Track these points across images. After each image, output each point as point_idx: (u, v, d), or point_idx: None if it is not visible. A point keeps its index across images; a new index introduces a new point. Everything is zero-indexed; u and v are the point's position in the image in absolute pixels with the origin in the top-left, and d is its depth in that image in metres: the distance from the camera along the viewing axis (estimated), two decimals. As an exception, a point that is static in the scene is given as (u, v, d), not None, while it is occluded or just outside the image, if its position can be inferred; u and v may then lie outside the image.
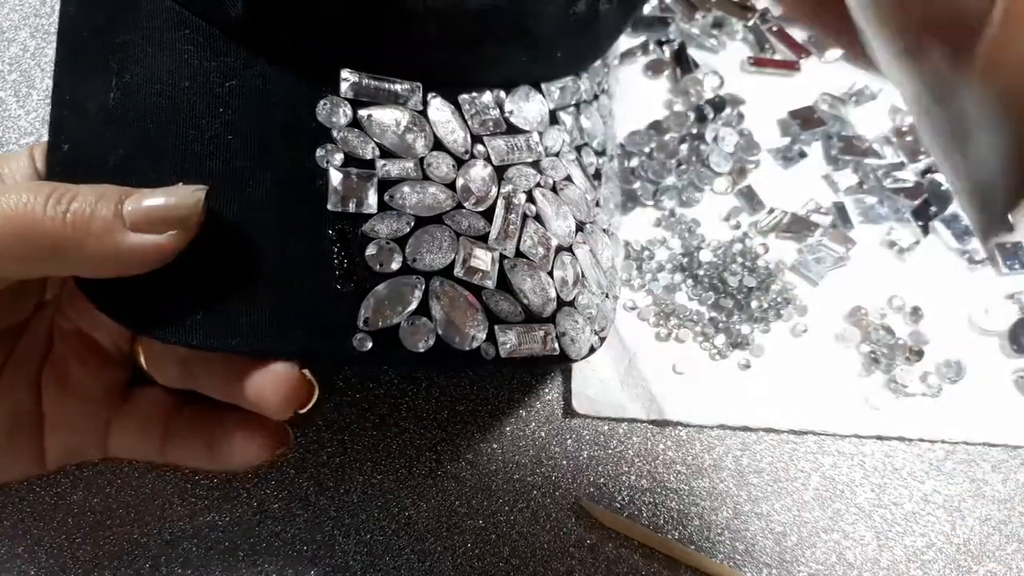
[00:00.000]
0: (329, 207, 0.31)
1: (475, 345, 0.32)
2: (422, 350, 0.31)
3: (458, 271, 0.33)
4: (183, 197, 0.29)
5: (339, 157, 0.32)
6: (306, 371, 0.31)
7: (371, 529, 0.39)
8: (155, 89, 0.32)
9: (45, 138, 0.40)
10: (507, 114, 0.36)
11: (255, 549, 0.38)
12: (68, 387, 0.35)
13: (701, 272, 0.44)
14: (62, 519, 0.38)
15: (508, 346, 0.33)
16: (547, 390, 0.42)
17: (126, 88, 0.32)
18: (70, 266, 0.28)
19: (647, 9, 0.51)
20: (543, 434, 0.41)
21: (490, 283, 0.33)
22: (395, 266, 0.31)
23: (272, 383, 0.31)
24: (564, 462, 0.41)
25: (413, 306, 0.31)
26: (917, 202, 0.45)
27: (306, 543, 0.38)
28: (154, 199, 0.28)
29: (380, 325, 0.31)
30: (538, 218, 0.35)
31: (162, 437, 0.35)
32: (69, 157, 0.31)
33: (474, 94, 0.35)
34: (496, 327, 0.33)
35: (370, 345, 0.31)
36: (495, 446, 0.41)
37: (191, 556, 0.38)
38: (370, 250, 0.31)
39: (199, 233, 0.29)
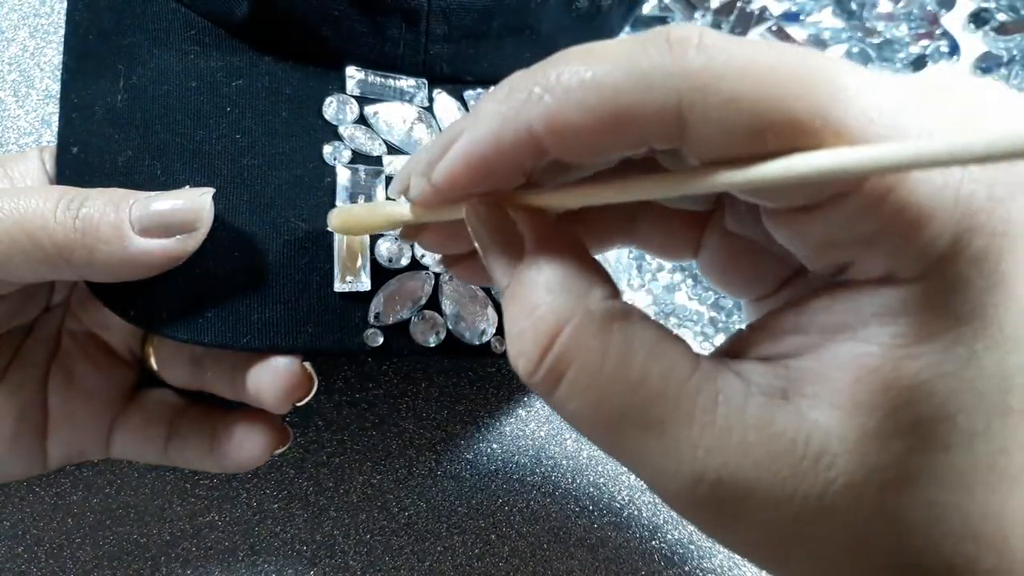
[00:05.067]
0: (338, 204, 0.34)
1: (485, 339, 0.35)
2: (432, 344, 0.34)
3: None
4: (190, 201, 0.30)
5: (347, 154, 0.34)
6: (307, 364, 0.33)
7: (371, 529, 0.41)
8: (162, 90, 0.33)
9: (45, 138, 0.42)
10: None
11: (254, 549, 0.40)
12: (74, 387, 0.36)
13: (701, 275, 0.47)
14: (62, 519, 0.39)
15: None
16: (547, 390, 0.44)
17: (133, 89, 0.33)
18: (80, 271, 0.30)
19: (647, 8, 0.54)
20: (543, 434, 0.43)
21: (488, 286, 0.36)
22: (404, 262, 0.34)
23: (271, 376, 0.33)
24: (564, 462, 0.43)
25: (423, 301, 0.34)
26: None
27: (306, 543, 0.40)
28: (162, 203, 0.30)
29: (391, 320, 0.33)
30: (545, 212, 0.38)
31: (166, 438, 0.37)
32: (78, 159, 0.32)
33: (479, 90, 0.38)
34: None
35: (381, 340, 0.33)
36: (495, 446, 0.43)
37: (191, 556, 0.39)
38: (379, 246, 0.34)
39: (209, 232, 0.31)
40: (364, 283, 0.33)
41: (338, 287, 0.33)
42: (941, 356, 0.19)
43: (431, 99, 0.37)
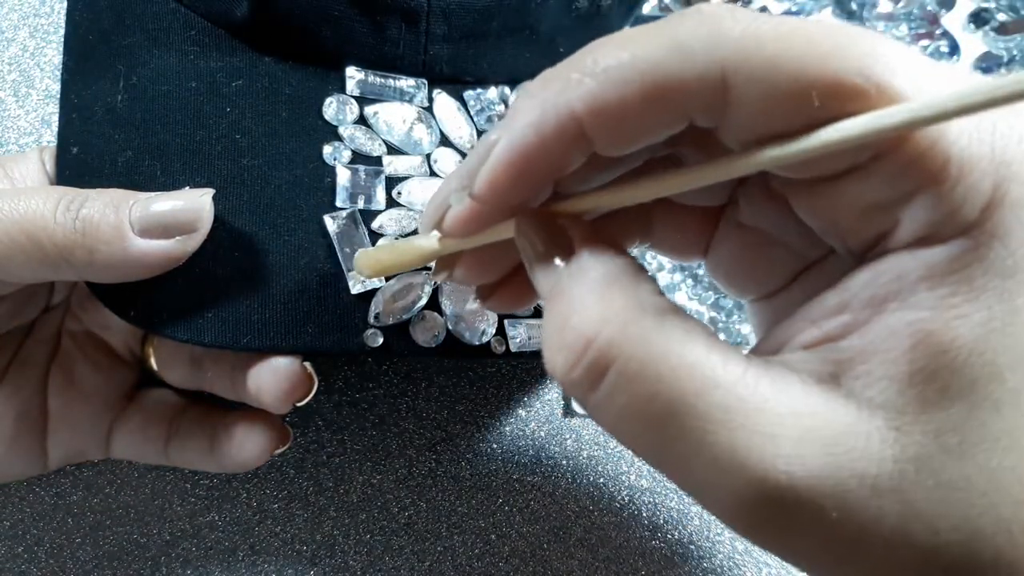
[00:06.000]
0: (338, 204, 0.34)
1: (485, 339, 0.35)
2: (432, 345, 0.34)
3: None
4: (190, 202, 0.30)
5: (347, 154, 0.35)
6: (307, 364, 0.33)
7: (371, 529, 0.41)
8: (162, 90, 0.33)
9: (45, 138, 0.42)
10: None
11: (255, 549, 0.40)
12: (75, 387, 0.36)
13: (701, 272, 0.47)
14: (62, 519, 0.39)
15: (518, 340, 0.35)
16: (547, 390, 0.44)
17: (133, 90, 0.33)
18: (79, 272, 0.30)
19: (647, 8, 0.54)
20: (543, 434, 0.43)
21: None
22: None
23: (272, 376, 0.33)
24: (564, 462, 0.43)
25: (423, 301, 0.34)
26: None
27: (306, 543, 0.40)
28: (162, 204, 0.30)
29: (390, 321, 0.33)
30: (544, 213, 0.38)
31: (166, 438, 0.37)
32: (78, 160, 0.33)
33: (479, 90, 0.38)
34: (506, 321, 0.35)
35: (381, 340, 0.33)
36: (495, 446, 0.43)
37: (191, 556, 0.39)
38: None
39: (209, 232, 0.31)
40: (377, 280, 0.33)
41: (355, 290, 0.33)
42: (988, 313, 0.19)
43: (431, 99, 0.37)
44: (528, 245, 0.24)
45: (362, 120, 0.35)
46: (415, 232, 0.34)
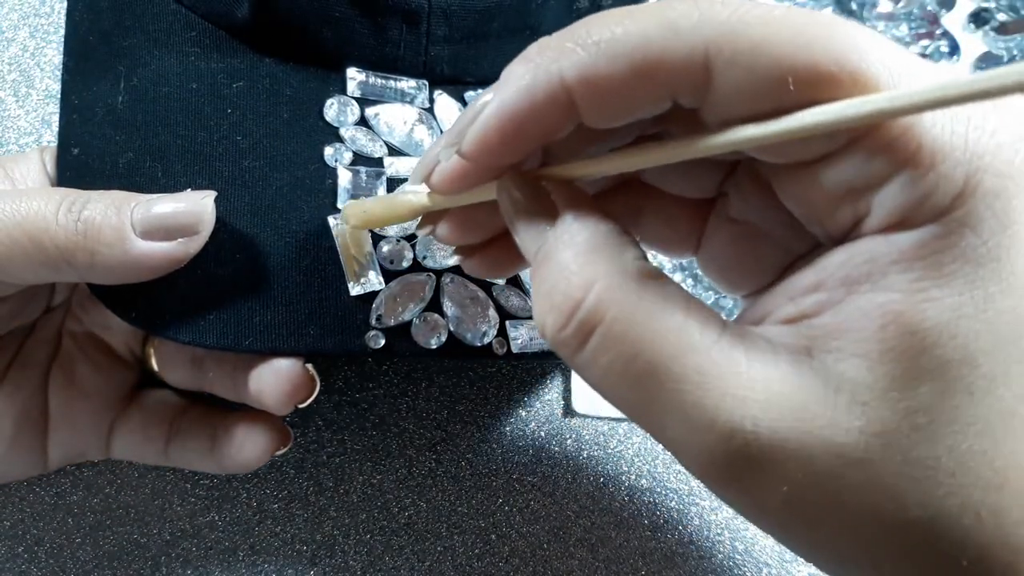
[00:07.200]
0: (339, 205, 0.34)
1: (487, 340, 0.35)
2: (434, 346, 0.34)
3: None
4: (192, 204, 0.30)
5: (348, 156, 0.35)
6: (309, 366, 0.33)
7: (371, 529, 0.41)
8: (163, 92, 0.33)
9: (45, 138, 0.42)
10: None
11: (255, 549, 0.40)
12: (75, 388, 0.36)
13: (701, 272, 0.47)
14: (62, 519, 0.39)
15: (520, 341, 0.35)
16: (547, 390, 0.44)
17: (134, 91, 0.33)
18: (81, 273, 0.30)
19: (646, 8, 0.54)
20: (543, 434, 0.43)
21: (500, 279, 0.36)
22: (406, 264, 0.34)
23: (273, 378, 0.33)
24: (564, 462, 0.43)
25: (424, 303, 0.34)
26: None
27: (306, 543, 0.40)
28: (163, 206, 0.30)
29: (392, 322, 0.33)
30: (546, 213, 0.38)
31: (166, 439, 0.37)
32: (79, 161, 0.33)
33: (480, 91, 0.38)
34: (507, 322, 0.35)
35: (383, 342, 0.33)
36: (495, 446, 0.43)
37: (191, 556, 0.40)
38: (381, 247, 0.34)
39: (211, 234, 0.31)
40: (376, 282, 0.33)
41: (354, 291, 0.33)
42: (959, 298, 0.19)
43: (432, 100, 0.37)
44: (509, 201, 0.25)
45: (363, 121, 0.35)
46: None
